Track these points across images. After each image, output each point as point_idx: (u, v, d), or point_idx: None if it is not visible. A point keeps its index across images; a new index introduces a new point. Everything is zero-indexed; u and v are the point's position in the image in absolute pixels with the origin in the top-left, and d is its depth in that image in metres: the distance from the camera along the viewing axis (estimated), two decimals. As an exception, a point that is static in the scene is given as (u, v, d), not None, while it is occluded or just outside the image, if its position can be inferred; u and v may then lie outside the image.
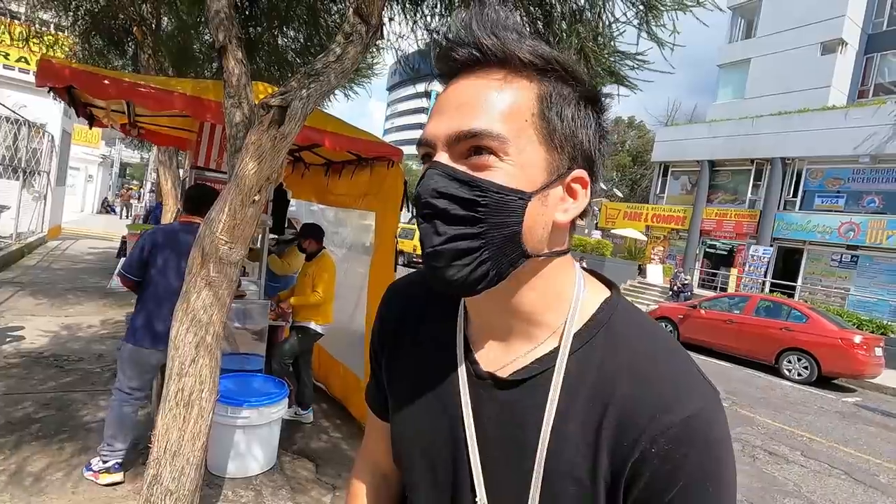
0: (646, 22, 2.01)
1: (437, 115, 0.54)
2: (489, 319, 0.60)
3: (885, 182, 14.78)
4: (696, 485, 0.49)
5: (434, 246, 0.51)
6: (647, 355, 0.54)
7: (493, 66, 0.52)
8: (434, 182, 0.51)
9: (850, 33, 17.79)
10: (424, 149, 0.55)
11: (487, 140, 0.50)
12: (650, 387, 0.51)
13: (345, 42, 1.79)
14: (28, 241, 9.19)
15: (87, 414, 3.33)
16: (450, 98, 0.54)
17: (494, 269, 0.52)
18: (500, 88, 0.52)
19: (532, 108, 0.52)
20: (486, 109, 0.51)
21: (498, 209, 0.50)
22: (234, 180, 1.79)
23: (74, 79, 2.55)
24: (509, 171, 0.51)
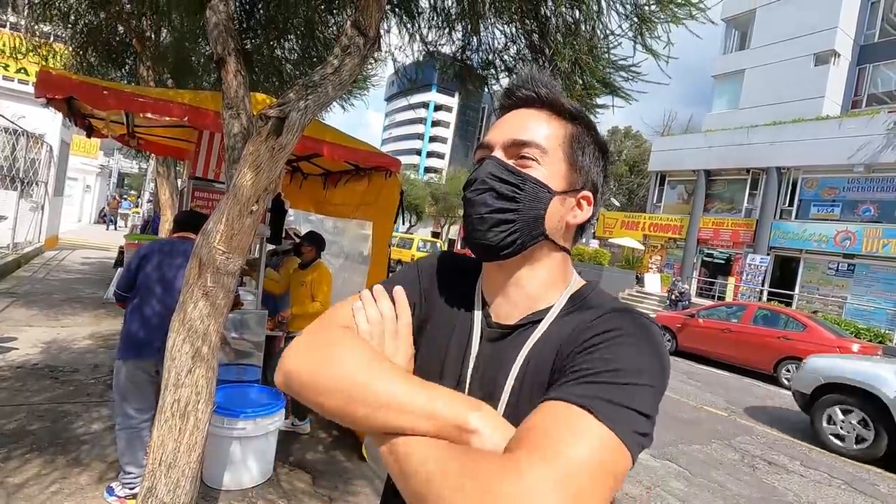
0: (640, 34, 2.03)
1: (497, 129, 0.75)
2: (503, 291, 0.75)
3: (880, 191, 14.88)
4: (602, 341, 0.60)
5: (482, 213, 0.70)
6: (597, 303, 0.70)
7: (543, 107, 0.74)
8: (491, 167, 0.71)
9: (843, 45, 18.02)
10: (484, 151, 0.75)
11: (532, 148, 0.71)
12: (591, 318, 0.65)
13: (342, 54, 1.81)
14: (25, 252, 9.15)
15: (81, 426, 3.30)
16: (508, 119, 0.75)
17: (521, 240, 0.70)
18: (546, 120, 0.73)
19: (564, 138, 0.73)
20: (534, 129, 0.72)
21: (531, 196, 0.70)
22: (232, 190, 1.80)
23: (74, 89, 2.57)
24: (543, 172, 0.71)
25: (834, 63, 18.03)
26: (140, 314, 2.62)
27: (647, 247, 20.48)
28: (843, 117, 16.05)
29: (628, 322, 0.62)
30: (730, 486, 4.16)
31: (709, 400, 7.19)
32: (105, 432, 3.27)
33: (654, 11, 1.99)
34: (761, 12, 19.89)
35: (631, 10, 2.04)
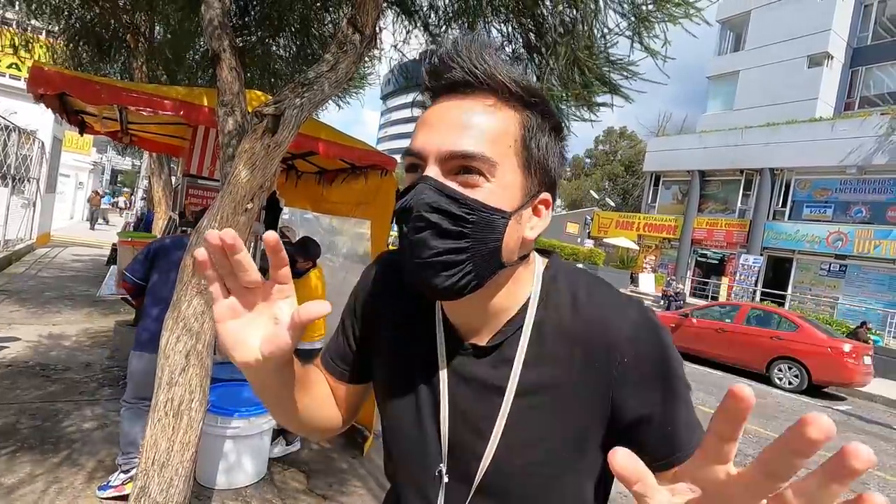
0: (638, 34, 2.04)
1: (427, 130, 0.58)
2: (464, 312, 0.64)
3: (872, 192, 15.02)
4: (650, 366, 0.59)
5: (425, 258, 0.55)
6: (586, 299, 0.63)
7: (484, 91, 0.57)
8: (428, 196, 0.55)
9: (836, 47, 18.17)
10: (413, 159, 0.59)
11: (479, 162, 0.55)
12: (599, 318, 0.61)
13: (338, 52, 1.80)
14: (16, 249, 9.06)
15: (73, 424, 3.27)
16: (441, 115, 0.58)
17: (476, 280, 0.57)
18: (491, 113, 0.57)
19: (516, 135, 0.57)
20: (478, 132, 0.56)
21: (483, 226, 0.55)
22: (227, 188, 1.78)
23: (66, 85, 2.54)
24: (494, 191, 0.56)
25: (827, 65, 18.17)
26: (156, 310, 2.62)
27: (642, 247, 20.57)
28: (835, 119, 16.19)
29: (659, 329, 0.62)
30: (722, 485, 4.18)
31: (702, 399, 7.23)
32: (97, 431, 3.24)
33: (651, 11, 1.99)
34: (756, 14, 20.01)
35: (629, 10, 2.04)
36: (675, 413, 0.59)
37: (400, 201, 0.58)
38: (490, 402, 0.62)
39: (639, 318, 0.61)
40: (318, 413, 0.72)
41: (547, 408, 0.60)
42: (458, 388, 0.64)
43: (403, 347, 0.69)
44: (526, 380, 0.61)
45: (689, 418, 0.60)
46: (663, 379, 0.59)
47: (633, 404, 0.58)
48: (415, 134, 0.60)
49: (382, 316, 0.73)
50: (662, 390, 0.58)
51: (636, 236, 20.81)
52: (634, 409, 0.59)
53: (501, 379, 0.61)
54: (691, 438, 0.58)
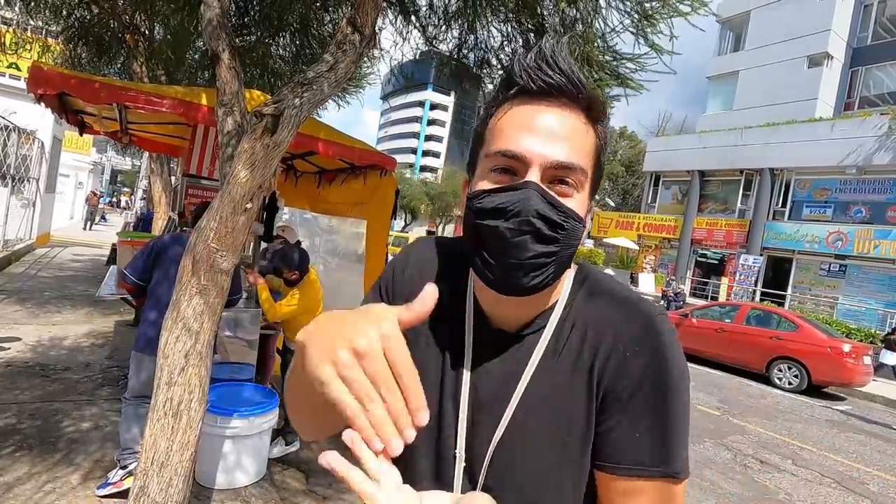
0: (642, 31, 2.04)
1: (531, 135, 0.58)
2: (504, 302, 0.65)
3: (871, 193, 15.02)
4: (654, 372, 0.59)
5: (522, 259, 0.58)
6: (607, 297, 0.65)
7: (576, 103, 0.59)
8: (536, 204, 0.57)
9: (836, 47, 18.17)
10: (509, 161, 0.59)
11: (578, 175, 0.59)
12: (613, 315, 0.63)
13: (338, 51, 1.80)
14: (16, 249, 9.06)
15: (72, 424, 3.27)
16: (546, 122, 0.58)
17: (553, 280, 0.61)
18: (586, 131, 0.60)
19: (595, 152, 0.62)
20: (578, 146, 0.59)
21: (572, 234, 0.59)
22: (226, 188, 1.78)
23: (65, 84, 2.54)
24: (580, 201, 0.60)
25: (827, 65, 18.18)
26: (157, 310, 2.61)
27: (642, 247, 20.57)
28: (835, 119, 16.19)
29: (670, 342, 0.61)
30: (722, 485, 4.19)
31: (702, 399, 7.23)
32: (95, 431, 3.24)
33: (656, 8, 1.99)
34: (756, 14, 20.01)
35: (632, 7, 2.04)
36: (660, 425, 0.59)
37: (495, 198, 0.58)
38: (507, 386, 0.64)
39: (652, 322, 0.61)
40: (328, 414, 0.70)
41: (555, 398, 0.62)
42: (481, 372, 0.66)
43: (433, 329, 0.71)
44: (541, 368, 0.63)
45: (670, 440, 0.59)
46: (658, 385, 0.59)
47: (620, 396, 0.60)
48: (508, 135, 0.59)
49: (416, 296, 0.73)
50: (654, 395, 0.59)
51: (636, 236, 20.81)
52: (619, 402, 0.60)
53: (520, 366, 0.64)
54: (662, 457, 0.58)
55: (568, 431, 0.62)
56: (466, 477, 0.66)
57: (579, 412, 0.62)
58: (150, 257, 2.68)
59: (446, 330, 0.70)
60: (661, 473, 0.58)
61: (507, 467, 0.64)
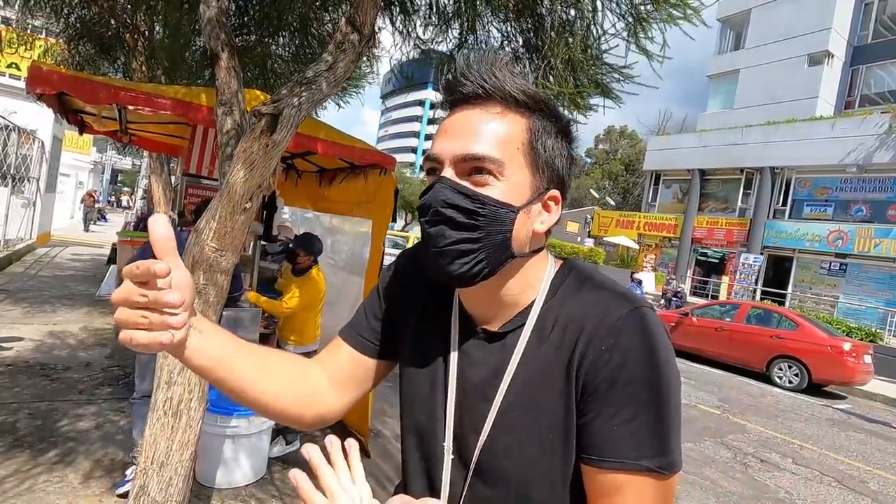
0: (634, 34, 2.03)
1: (444, 137, 0.66)
2: (479, 300, 0.71)
3: (872, 191, 15.00)
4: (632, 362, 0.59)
5: (440, 247, 0.63)
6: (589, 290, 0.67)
7: (493, 101, 0.64)
8: (443, 194, 0.62)
9: (837, 45, 18.13)
10: (431, 163, 0.66)
11: (488, 163, 0.62)
12: (593, 306, 0.64)
13: (337, 51, 1.80)
14: (16, 248, 9.07)
15: (72, 424, 3.27)
16: (456, 124, 0.65)
17: (488, 267, 0.64)
18: (499, 120, 0.64)
19: (523, 138, 0.64)
20: (487, 137, 0.63)
21: (493, 219, 0.62)
22: (225, 187, 1.78)
23: (65, 84, 2.54)
24: (503, 188, 0.63)
25: (828, 64, 18.14)
26: None
27: (642, 246, 20.56)
28: (836, 118, 16.17)
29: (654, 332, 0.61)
30: (722, 484, 4.19)
31: (702, 398, 7.23)
32: (95, 430, 3.24)
33: (649, 11, 1.99)
34: (756, 12, 19.98)
35: (626, 10, 2.04)
36: (641, 416, 0.58)
37: (421, 199, 0.65)
38: (491, 383, 0.67)
39: (633, 312, 0.62)
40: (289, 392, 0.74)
41: (538, 390, 0.65)
42: (467, 370, 0.70)
43: (425, 331, 0.76)
44: (524, 363, 0.66)
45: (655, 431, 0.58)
46: (630, 379, 0.59)
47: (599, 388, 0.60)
48: (434, 141, 0.67)
49: (410, 300, 0.79)
50: (637, 386, 0.59)
51: (636, 235, 20.80)
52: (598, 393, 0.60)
53: (504, 362, 0.67)
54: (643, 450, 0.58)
55: (550, 424, 0.63)
56: (456, 471, 0.69)
57: (560, 404, 0.63)
58: (148, 255, 2.69)
59: (436, 331, 0.75)
60: (643, 468, 0.57)
61: (495, 461, 0.66)
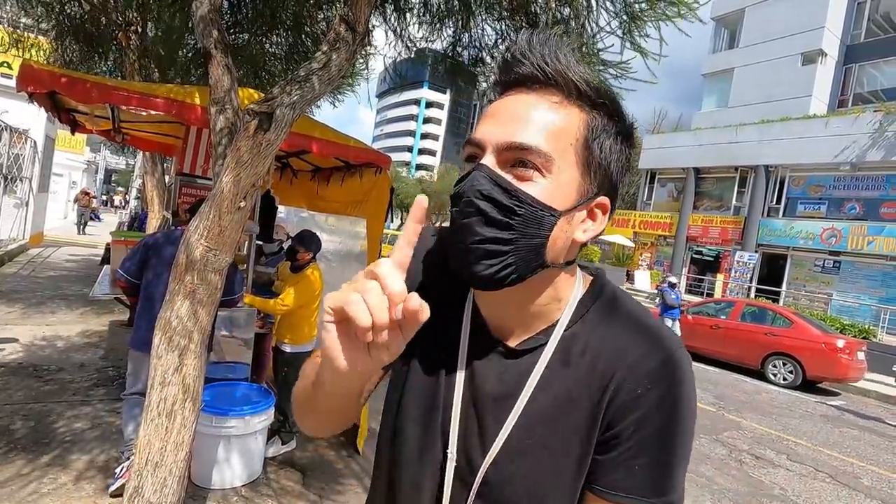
0: (629, 32, 2.04)
1: (490, 120, 0.58)
2: (499, 308, 0.64)
3: (865, 189, 15.11)
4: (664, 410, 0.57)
5: (468, 243, 0.56)
6: (624, 320, 0.62)
7: (552, 88, 0.57)
8: (480, 184, 0.55)
9: (830, 44, 18.24)
10: (472, 149, 0.59)
11: (535, 155, 0.55)
12: (629, 343, 0.59)
13: (330, 49, 1.79)
14: (8, 249, 9.00)
15: (66, 425, 3.25)
16: (507, 107, 0.58)
17: (516, 274, 0.56)
18: (555, 110, 0.57)
19: (578, 134, 0.57)
20: (538, 126, 0.56)
21: (531, 221, 0.55)
22: (219, 186, 1.77)
23: (57, 83, 2.51)
24: (547, 187, 0.56)
25: (821, 62, 18.25)
26: (151, 310, 2.61)
27: (638, 244, 20.64)
28: (829, 116, 16.28)
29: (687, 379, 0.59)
30: (717, 481, 4.21)
31: (697, 395, 7.26)
32: (90, 431, 3.22)
33: (644, 10, 1.99)
34: (750, 11, 20.07)
35: (621, 8, 2.04)
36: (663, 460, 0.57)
37: (456, 186, 0.58)
38: (505, 402, 0.61)
39: (673, 357, 0.59)
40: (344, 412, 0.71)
41: (557, 417, 0.60)
42: (477, 384, 0.63)
43: (430, 334, 0.64)
44: (541, 390, 0.60)
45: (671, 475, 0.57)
46: (668, 421, 0.57)
47: (626, 425, 0.57)
48: (478, 125, 0.60)
49: (421, 287, 0.70)
50: (662, 429, 0.57)
51: (632, 233, 20.87)
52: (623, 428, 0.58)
53: (521, 381, 0.61)
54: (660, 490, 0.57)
55: (565, 453, 0.59)
56: (458, 480, 0.64)
57: (579, 436, 0.59)
58: (141, 254, 2.69)
59: (443, 335, 0.66)
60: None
61: (501, 485, 0.61)
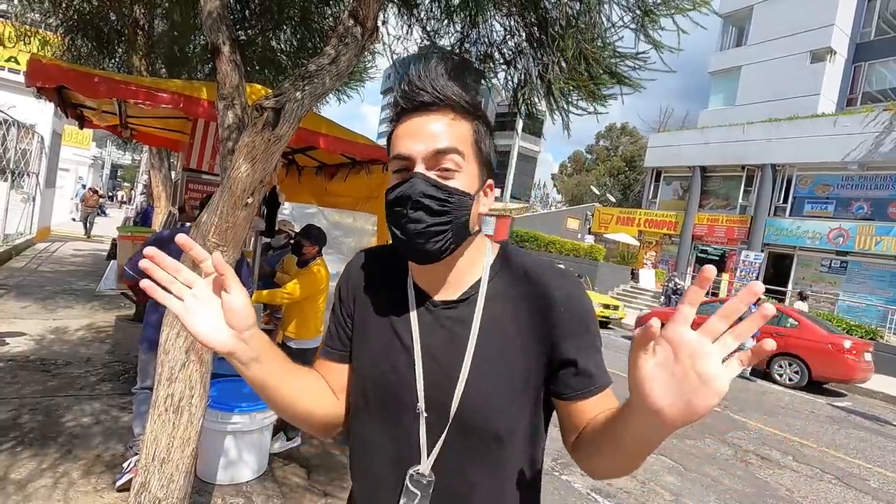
0: (642, 27, 2.01)
1: (410, 139, 0.77)
2: (435, 276, 0.83)
3: (873, 189, 14.97)
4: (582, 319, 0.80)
5: (420, 229, 0.75)
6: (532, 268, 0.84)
7: (445, 108, 0.77)
8: (421, 186, 0.75)
9: (839, 42, 18.06)
10: (401, 162, 0.78)
11: (453, 155, 0.76)
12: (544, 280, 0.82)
13: (339, 44, 1.77)
14: (16, 243, 9.05)
15: (73, 419, 3.27)
16: (420, 127, 0.77)
17: (454, 244, 0.78)
18: (454, 123, 0.77)
19: (471, 139, 0.79)
20: (449, 136, 0.76)
21: (459, 205, 0.76)
22: (227, 182, 1.77)
23: (65, 78, 2.52)
24: (462, 179, 0.77)
25: (830, 60, 18.07)
26: (155, 315, 2.63)
27: (642, 243, 20.54)
28: (838, 115, 16.11)
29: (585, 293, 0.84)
30: (723, 481, 4.19)
31: (702, 395, 7.23)
32: (96, 425, 3.24)
33: (657, 4, 1.97)
34: (759, 9, 19.88)
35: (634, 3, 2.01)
36: (595, 357, 0.80)
37: (395, 192, 0.76)
38: (458, 343, 0.79)
39: (574, 284, 0.82)
40: (317, 405, 0.86)
41: (503, 347, 0.79)
42: (430, 336, 0.81)
43: (381, 313, 0.86)
44: (487, 323, 0.79)
45: (601, 362, 0.81)
46: (588, 331, 0.80)
47: (566, 346, 0.78)
48: (397, 143, 0.78)
49: (365, 293, 0.90)
50: (587, 339, 0.80)
51: (637, 232, 20.77)
52: (567, 350, 0.78)
53: (468, 321, 0.80)
54: (603, 377, 0.80)
55: (526, 377, 0.79)
56: (427, 428, 0.79)
57: (532, 360, 0.79)
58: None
59: (393, 307, 0.85)
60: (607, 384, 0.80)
61: (474, 408, 0.77)
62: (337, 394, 0.90)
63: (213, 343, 0.71)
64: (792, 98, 18.14)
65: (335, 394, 0.90)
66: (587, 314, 0.81)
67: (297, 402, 0.82)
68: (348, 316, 0.91)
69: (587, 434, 0.76)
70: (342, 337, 0.91)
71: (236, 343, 0.72)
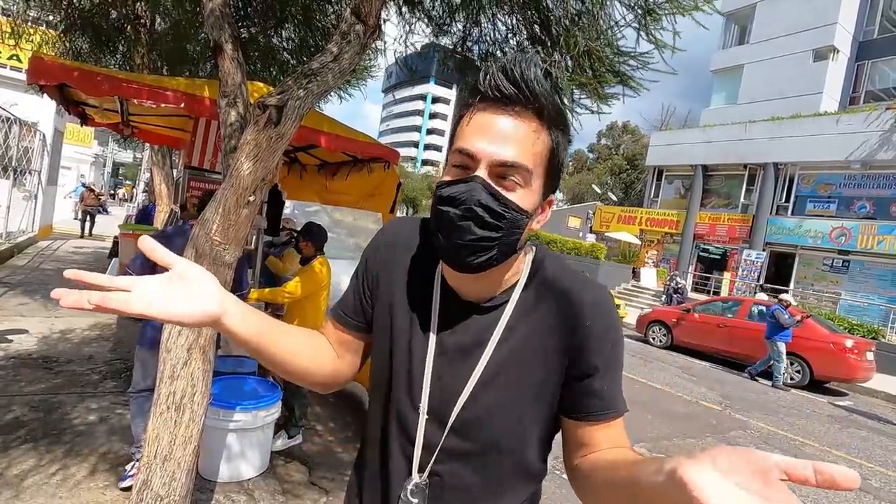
0: (644, 26, 2.00)
1: (481, 136, 0.68)
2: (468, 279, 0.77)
3: (876, 188, 14.93)
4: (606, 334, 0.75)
5: (465, 241, 0.69)
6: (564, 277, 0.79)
7: (531, 112, 0.68)
8: (479, 195, 0.67)
9: (842, 41, 18.00)
10: (464, 158, 0.70)
11: (522, 172, 0.68)
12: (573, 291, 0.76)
13: (342, 42, 1.77)
14: (18, 241, 9.07)
15: (76, 417, 3.27)
16: (497, 127, 0.68)
17: (497, 262, 0.72)
18: (535, 134, 0.69)
19: (547, 153, 0.71)
20: (526, 149, 0.68)
21: (513, 223, 0.69)
22: (229, 180, 1.77)
23: (66, 76, 2.52)
24: (525, 195, 0.70)
25: (832, 59, 18.01)
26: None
27: (644, 241, 20.52)
28: (840, 114, 16.06)
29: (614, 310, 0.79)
30: (724, 480, 4.18)
31: (703, 394, 7.23)
32: (99, 424, 3.25)
33: (659, 3, 1.96)
34: (761, 7, 19.82)
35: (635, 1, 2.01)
36: (614, 378, 0.76)
37: (449, 189, 0.69)
38: (475, 347, 0.75)
39: (601, 295, 0.77)
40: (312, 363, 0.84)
41: (520, 358, 0.75)
42: (448, 336, 0.77)
43: (404, 299, 0.82)
44: (508, 333, 0.75)
45: (619, 386, 0.77)
46: (612, 345, 0.75)
47: (587, 362, 0.74)
48: (467, 135, 0.69)
49: (396, 265, 0.84)
50: (611, 357, 0.75)
51: (638, 231, 20.75)
52: (587, 366, 0.74)
53: (489, 329, 0.76)
54: (618, 403, 0.76)
55: (540, 390, 0.75)
56: (429, 428, 0.76)
57: (550, 372, 0.75)
58: (147, 261, 2.69)
59: (419, 299, 0.81)
60: (622, 412, 0.76)
61: (475, 417, 0.75)
62: (339, 353, 0.88)
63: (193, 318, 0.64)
64: (794, 97, 18.10)
65: (336, 352, 0.88)
66: (613, 329, 0.76)
67: (293, 359, 0.80)
68: (369, 288, 0.87)
69: (599, 475, 0.69)
70: (356, 307, 0.88)
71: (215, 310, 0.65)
